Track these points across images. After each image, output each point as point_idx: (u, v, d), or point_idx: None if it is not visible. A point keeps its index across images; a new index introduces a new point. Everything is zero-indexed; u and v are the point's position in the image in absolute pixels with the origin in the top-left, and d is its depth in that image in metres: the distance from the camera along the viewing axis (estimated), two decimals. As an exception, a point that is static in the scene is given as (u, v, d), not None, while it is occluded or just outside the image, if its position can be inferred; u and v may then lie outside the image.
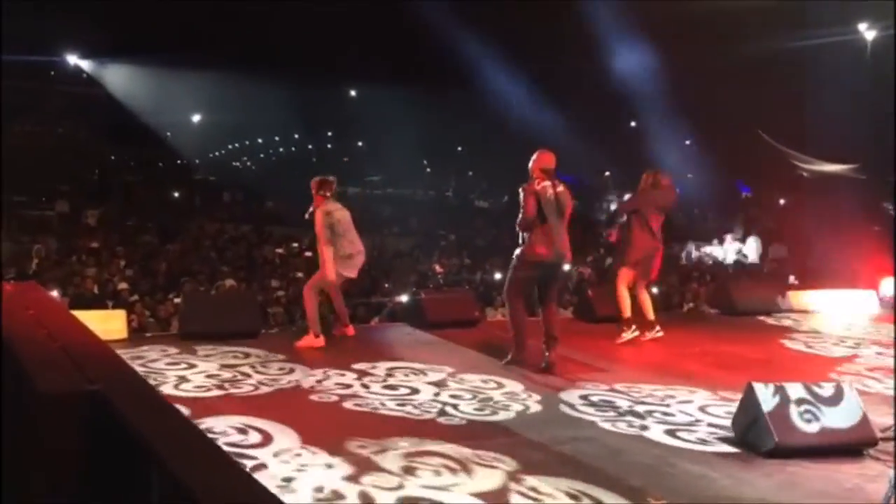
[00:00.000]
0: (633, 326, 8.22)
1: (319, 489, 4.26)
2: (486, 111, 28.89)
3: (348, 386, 6.31)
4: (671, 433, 5.47)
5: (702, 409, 6.04)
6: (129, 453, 1.88)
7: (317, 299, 7.87)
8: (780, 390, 5.19)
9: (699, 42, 21.19)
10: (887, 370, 7.48)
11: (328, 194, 7.88)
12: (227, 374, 6.53)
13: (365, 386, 6.33)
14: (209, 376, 6.46)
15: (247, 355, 7.16)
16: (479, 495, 4.27)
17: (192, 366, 6.77)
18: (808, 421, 5.11)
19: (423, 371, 6.83)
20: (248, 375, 6.54)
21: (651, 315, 8.30)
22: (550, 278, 7.14)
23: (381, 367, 6.88)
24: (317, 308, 7.83)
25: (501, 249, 21.38)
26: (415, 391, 6.24)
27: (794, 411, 5.12)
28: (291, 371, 6.70)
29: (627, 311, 8.22)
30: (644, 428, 5.56)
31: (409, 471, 4.53)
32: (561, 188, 7.09)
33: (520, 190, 7.06)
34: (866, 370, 7.54)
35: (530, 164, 7.11)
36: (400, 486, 4.33)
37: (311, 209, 7.93)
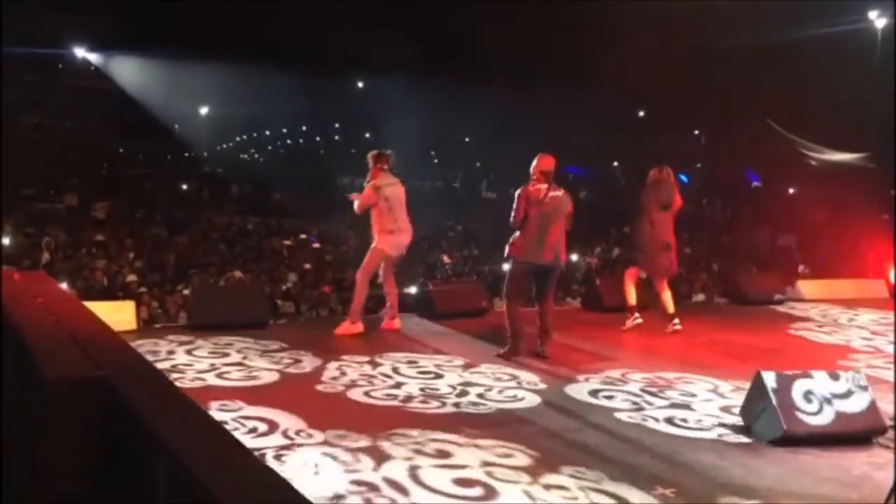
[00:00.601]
0: (636, 315, 8.32)
1: (325, 477, 4.27)
2: (494, 102, 28.80)
3: (357, 376, 6.33)
4: (680, 422, 5.47)
5: (711, 398, 6.03)
6: (138, 440, 1.89)
7: (368, 287, 7.97)
8: (788, 379, 5.18)
9: (707, 31, 21.07)
10: (897, 359, 7.46)
11: (385, 167, 7.91)
12: (235, 364, 6.55)
13: (373, 376, 6.34)
14: (218, 366, 6.48)
15: (255, 345, 7.17)
16: (487, 484, 4.28)
17: (200, 355, 6.79)
18: (817, 409, 5.10)
19: (432, 361, 6.83)
20: (256, 365, 6.55)
21: (671, 308, 8.33)
22: (543, 277, 7.19)
23: (391, 358, 6.88)
24: (365, 296, 7.94)
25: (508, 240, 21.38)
26: (423, 381, 6.24)
27: (802, 400, 5.11)
28: (299, 361, 6.71)
29: (631, 300, 8.36)
30: (653, 417, 5.56)
31: (417, 459, 4.54)
32: (559, 192, 7.19)
33: (516, 192, 7.20)
34: (876, 359, 7.51)
35: (531, 167, 7.23)
36: (410, 475, 4.34)
37: (367, 181, 7.97)
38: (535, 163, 7.24)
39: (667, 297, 8.34)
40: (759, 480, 4.54)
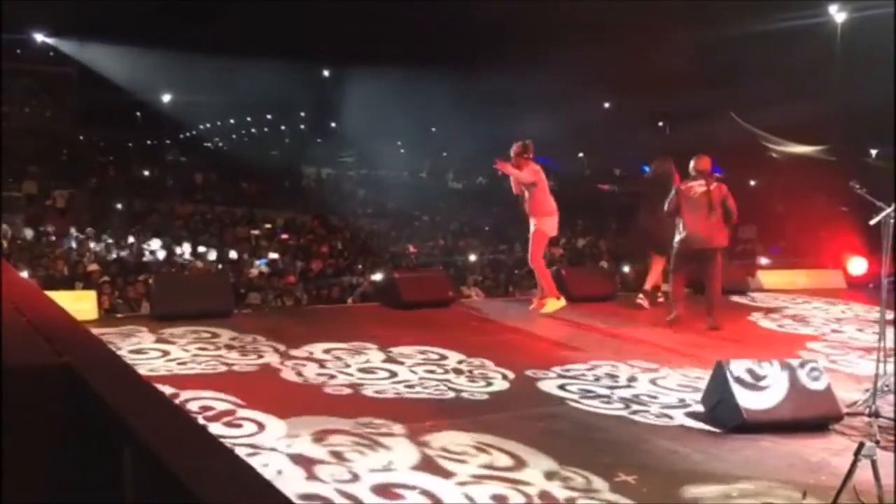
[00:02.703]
0: (646, 298, 9.12)
1: (297, 470, 4.27)
2: (459, 92, 28.81)
3: (322, 366, 6.31)
4: (643, 410, 5.54)
5: (673, 386, 6.12)
6: (103, 428, 1.87)
7: (546, 266, 8.64)
8: (748, 368, 5.27)
9: (668, 24, 21.25)
10: (854, 347, 7.63)
11: (530, 156, 8.38)
12: (199, 354, 6.50)
13: (337, 365, 6.33)
14: (182, 355, 6.42)
15: (219, 335, 7.11)
16: (453, 472, 4.30)
17: (164, 345, 6.72)
18: (776, 397, 5.20)
19: (398, 350, 6.83)
20: (220, 355, 6.50)
21: (651, 284, 9.21)
22: (702, 259, 8.18)
23: (355, 347, 6.87)
24: (544, 267, 8.64)
25: (476, 230, 21.42)
26: (387, 370, 6.25)
27: (762, 388, 5.20)
28: (264, 351, 6.67)
29: (650, 285, 9.22)
30: (616, 405, 5.63)
31: (382, 447, 4.56)
32: (711, 186, 8.06)
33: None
34: (833, 347, 7.67)
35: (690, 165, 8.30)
36: (369, 462, 4.35)
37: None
38: (692, 163, 8.23)
39: (656, 273, 9.14)
40: (720, 466, 4.62)
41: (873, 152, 26.73)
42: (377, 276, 10.31)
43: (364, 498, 3.94)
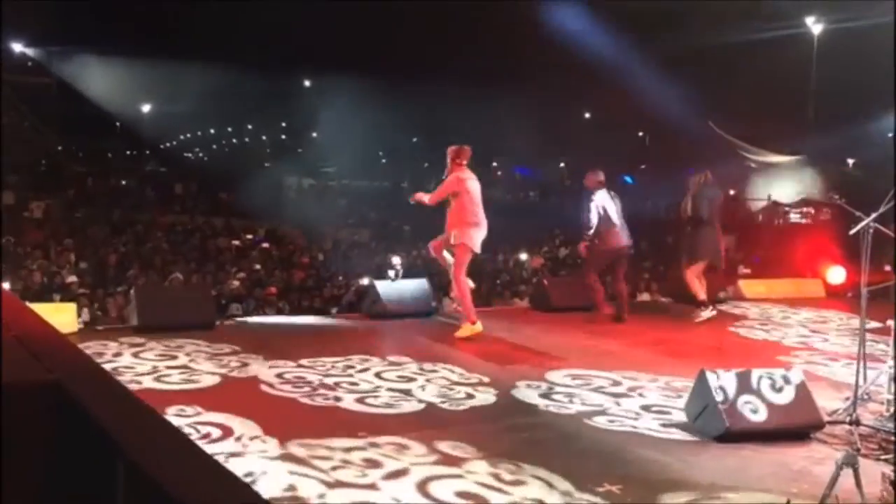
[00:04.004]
0: (711, 306, 9.00)
1: (281, 482, 4.26)
2: (440, 102, 28.89)
3: (304, 378, 6.29)
4: (625, 420, 5.57)
5: (655, 396, 6.15)
6: (92, 444, 1.86)
7: (468, 282, 7.85)
8: (730, 377, 5.31)
9: (648, 33, 21.43)
10: (834, 356, 7.70)
11: (464, 162, 7.88)
12: (181, 367, 6.46)
13: (321, 379, 6.31)
14: (163, 369, 6.38)
15: (202, 347, 7.07)
16: (438, 483, 4.30)
17: (146, 358, 6.67)
18: (758, 406, 5.24)
19: (382, 363, 6.82)
20: (203, 369, 6.46)
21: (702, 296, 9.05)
22: (620, 259, 8.81)
23: (339, 359, 6.85)
24: (466, 288, 7.80)
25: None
26: (371, 382, 6.24)
27: (744, 397, 5.24)
28: (246, 364, 6.63)
29: (701, 295, 8.95)
30: (599, 415, 5.65)
31: (368, 460, 4.55)
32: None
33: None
34: (813, 355, 7.74)
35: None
36: (360, 476, 4.34)
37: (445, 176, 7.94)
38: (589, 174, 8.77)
39: (699, 286, 8.98)
40: (703, 475, 4.65)
41: (850, 162, 27.05)
42: (362, 285, 10.28)
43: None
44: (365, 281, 10.22)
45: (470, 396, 5.98)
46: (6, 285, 9.72)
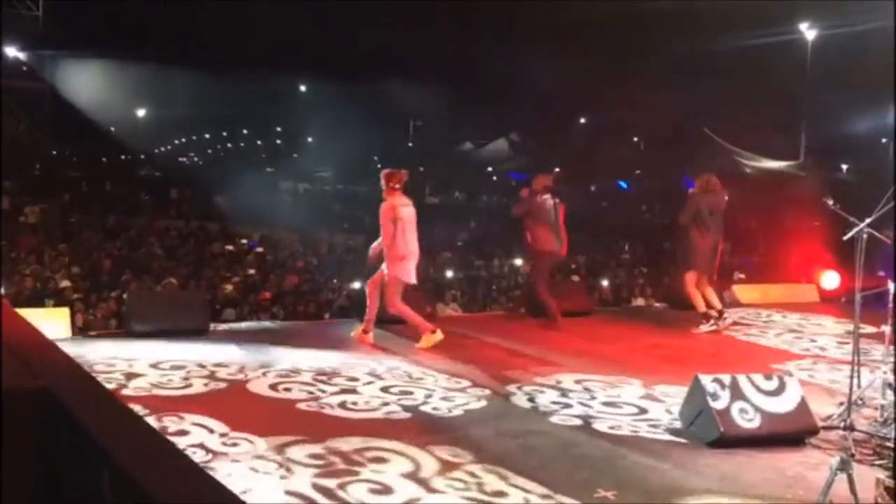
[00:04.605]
0: (711, 320, 8.78)
1: (271, 486, 4.23)
2: (433, 108, 28.95)
3: (298, 383, 6.26)
4: (621, 425, 5.55)
5: (650, 401, 6.13)
6: (79, 449, 1.85)
7: (409, 310, 7.57)
8: (725, 382, 5.30)
9: (642, 40, 21.48)
10: (828, 361, 7.71)
11: (397, 186, 7.62)
12: (174, 372, 6.42)
13: (316, 383, 6.29)
14: (155, 374, 6.35)
15: (195, 353, 7.04)
16: (431, 490, 4.28)
17: (138, 364, 6.63)
18: (752, 412, 5.23)
19: (375, 368, 6.80)
20: (195, 374, 6.43)
21: (718, 305, 8.92)
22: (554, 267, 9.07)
23: (332, 363, 6.83)
24: (407, 309, 7.54)
25: (453, 246, 21.43)
26: (364, 386, 6.22)
27: (738, 403, 5.23)
28: (238, 369, 6.61)
29: (701, 307, 8.82)
30: (594, 420, 5.63)
31: (360, 466, 4.53)
32: (556, 200, 8.66)
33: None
34: (808, 362, 7.74)
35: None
36: (353, 481, 4.32)
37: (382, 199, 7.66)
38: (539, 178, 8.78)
39: (712, 296, 8.88)
40: (697, 481, 4.64)
41: (844, 167, 27.13)
42: (354, 291, 10.26)
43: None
44: (358, 286, 10.19)
45: (464, 402, 5.96)
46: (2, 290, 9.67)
